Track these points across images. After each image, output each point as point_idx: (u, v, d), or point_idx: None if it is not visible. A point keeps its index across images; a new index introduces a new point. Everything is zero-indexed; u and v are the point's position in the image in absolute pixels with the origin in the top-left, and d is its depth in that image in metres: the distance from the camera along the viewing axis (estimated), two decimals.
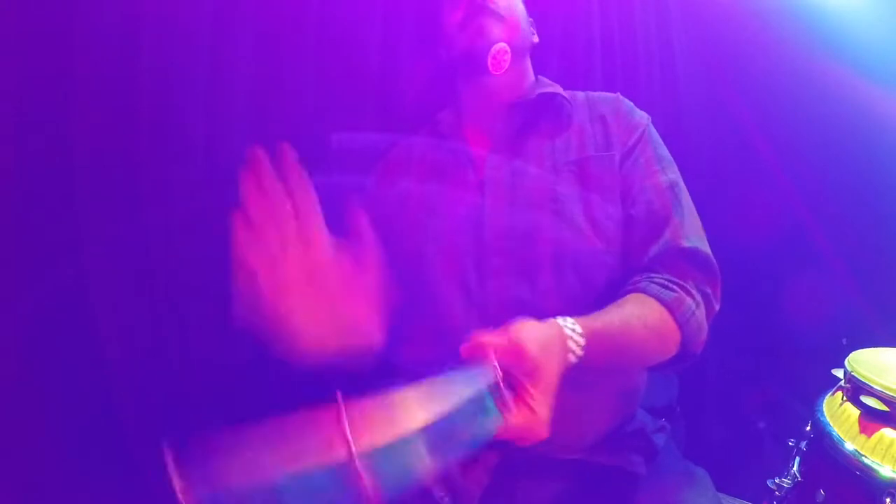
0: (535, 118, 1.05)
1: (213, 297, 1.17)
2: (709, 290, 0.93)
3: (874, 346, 1.08)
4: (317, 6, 1.23)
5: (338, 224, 1.03)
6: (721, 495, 1.21)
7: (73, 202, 1.05)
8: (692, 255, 0.92)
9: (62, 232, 1.04)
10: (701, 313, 0.91)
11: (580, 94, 1.10)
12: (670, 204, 0.95)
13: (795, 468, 1.04)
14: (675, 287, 0.89)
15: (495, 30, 1.01)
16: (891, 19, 1.46)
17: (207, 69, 1.14)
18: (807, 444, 1.05)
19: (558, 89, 1.08)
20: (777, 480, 1.04)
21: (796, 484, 1.02)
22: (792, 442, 1.09)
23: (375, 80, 1.29)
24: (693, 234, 0.94)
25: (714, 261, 0.94)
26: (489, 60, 0.99)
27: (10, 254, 0.99)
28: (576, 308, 0.81)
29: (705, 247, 0.94)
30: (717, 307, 0.94)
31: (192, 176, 1.14)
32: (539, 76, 1.14)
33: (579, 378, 0.75)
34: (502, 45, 1.00)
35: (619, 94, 1.10)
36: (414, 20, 1.30)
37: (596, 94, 1.10)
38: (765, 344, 1.57)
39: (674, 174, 1.00)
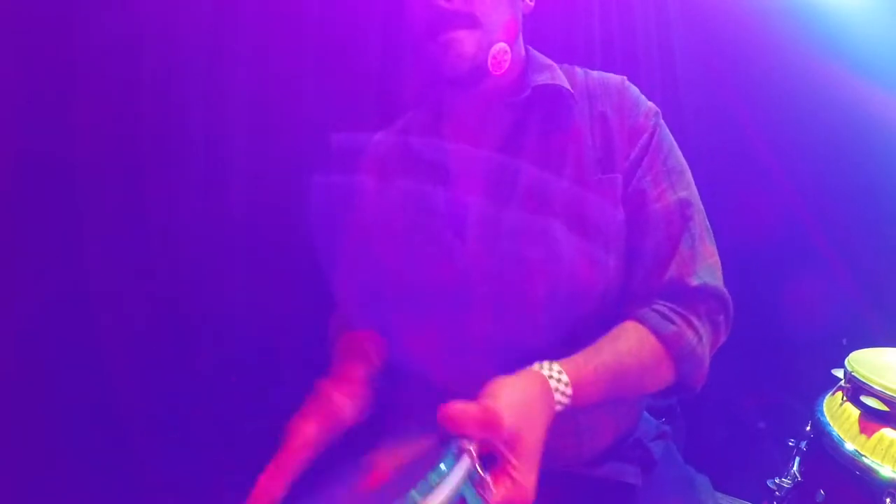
0: (528, 118, 0.90)
1: (212, 297, 1.18)
2: (719, 319, 0.86)
3: (874, 346, 1.08)
4: (317, 6, 1.23)
5: (338, 224, 1.03)
6: (721, 495, 1.20)
7: (75, 202, 1.05)
8: (700, 291, 0.84)
9: (62, 232, 1.04)
10: (703, 348, 0.83)
11: (579, 75, 0.94)
12: (678, 233, 0.85)
13: (795, 468, 1.04)
14: (676, 319, 0.82)
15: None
16: (891, 19, 1.46)
17: (207, 69, 1.14)
18: (807, 444, 1.05)
19: (557, 75, 0.91)
20: (777, 480, 1.04)
21: (796, 484, 1.02)
22: (792, 442, 1.09)
23: (375, 79, 1.29)
24: (702, 266, 0.85)
25: (724, 291, 0.86)
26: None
27: (11, 254, 0.99)
28: (564, 343, 0.78)
29: (714, 279, 0.85)
30: (725, 337, 0.88)
31: (192, 176, 1.15)
32: (529, 48, 0.96)
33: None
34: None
35: (624, 79, 0.94)
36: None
37: (597, 78, 0.94)
38: (765, 344, 1.57)
39: (684, 190, 0.87)
